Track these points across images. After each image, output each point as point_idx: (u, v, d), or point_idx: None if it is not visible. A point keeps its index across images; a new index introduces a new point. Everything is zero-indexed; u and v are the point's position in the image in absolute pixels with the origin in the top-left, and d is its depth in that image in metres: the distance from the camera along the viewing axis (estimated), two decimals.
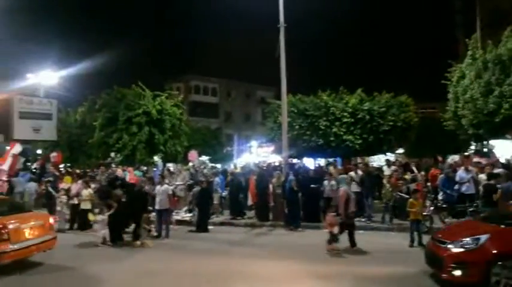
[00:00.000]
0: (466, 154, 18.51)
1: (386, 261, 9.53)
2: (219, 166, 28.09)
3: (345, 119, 17.49)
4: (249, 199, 15.82)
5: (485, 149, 18.53)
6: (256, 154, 40.28)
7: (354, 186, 13.69)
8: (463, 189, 12.74)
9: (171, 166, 23.59)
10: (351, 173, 14.53)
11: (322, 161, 21.79)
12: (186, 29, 73.17)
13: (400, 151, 24.77)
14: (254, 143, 43.17)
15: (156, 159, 22.15)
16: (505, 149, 17.77)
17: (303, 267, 9.13)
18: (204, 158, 31.02)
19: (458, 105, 17.30)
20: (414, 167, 17.60)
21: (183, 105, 23.66)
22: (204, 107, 53.76)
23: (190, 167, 20.46)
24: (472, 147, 20.76)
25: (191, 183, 16.85)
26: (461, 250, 7.39)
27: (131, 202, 12.35)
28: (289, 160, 18.21)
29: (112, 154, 21.46)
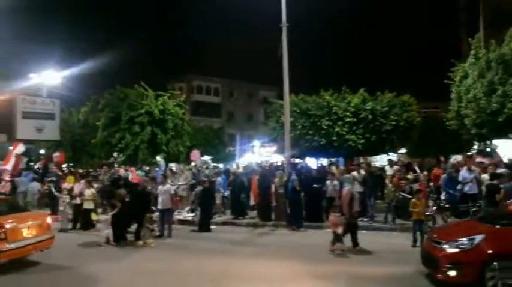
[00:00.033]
0: (468, 153, 18.41)
1: (387, 261, 9.51)
2: (221, 165, 28.09)
3: (348, 119, 17.44)
4: (251, 199, 15.84)
5: (488, 149, 18.45)
6: (258, 154, 40.28)
7: (357, 186, 13.66)
8: (466, 189, 12.73)
9: (173, 166, 23.64)
10: (353, 173, 14.53)
11: (325, 161, 21.73)
12: (188, 29, 73.34)
13: (403, 150, 24.64)
14: (256, 142, 43.18)
15: (158, 159, 22.18)
16: (508, 149, 17.67)
17: (305, 267, 9.13)
18: (207, 158, 31.02)
19: (461, 105, 17.23)
20: (417, 167, 17.55)
21: (186, 105, 23.67)
22: (207, 106, 53.79)
23: (192, 167, 20.47)
24: (475, 147, 20.65)
25: (193, 183, 16.88)
26: (457, 250, 7.39)
27: (134, 201, 12.39)
28: (292, 160, 18.20)
29: (115, 154, 21.52)
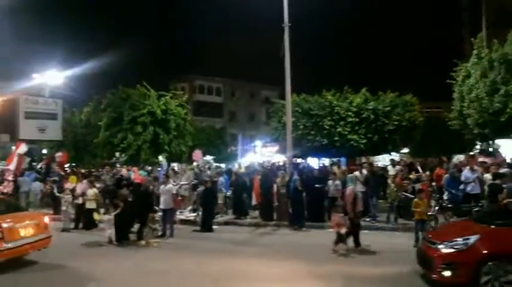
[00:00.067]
0: (471, 153, 18.40)
1: (387, 261, 9.46)
2: (223, 165, 28.11)
3: (350, 119, 17.42)
4: (253, 199, 15.85)
5: (491, 149, 18.42)
6: (260, 154, 40.25)
7: (359, 186, 13.64)
8: (468, 189, 12.70)
9: (175, 166, 23.66)
10: (355, 173, 14.52)
11: (327, 161, 21.75)
12: (190, 29, 73.31)
13: (405, 150, 24.64)
14: (258, 142, 43.16)
15: (160, 159, 22.18)
16: (510, 149, 17.66)
17: (307, 267, 9.13)
18: (209, 158, 31.01)
19: (463, 105, 17.21)
20: (419, 167, 17.53)
21: (188, 105, 23.67)
22: (209, 106, 53.84)
23: (194, 167, 20.48)
24: (478, 147, 20.62)
25: (195, 183, 16.90)
26: (451, 250, 7.39)
27: (137, 201, 12.42)
28: (294, 160, 18.17)
29: (117, 154, 21.55)
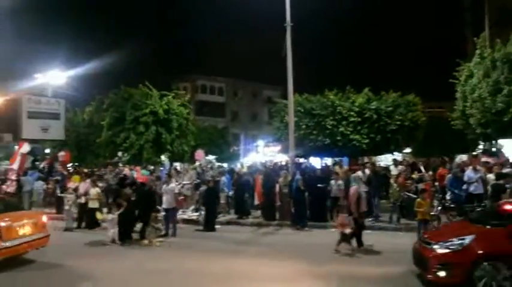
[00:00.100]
0: (474, 153, 18.35)
1: (388, 261, 9.44)
2: (225, 165, 28.10)
3: (352, 119, 17.40)
4: (255, 199, 15.84)
5: (494, 149, 18.36)
6: (262, 153, 40.27)
7: (362, 186, 13.60)
8: (471, 189, 12.66)
9: (178, 165, 23.67)
10: (358, 173, 14.48)
11: (329, 161, 21.73)
12: (192, 29, 73.41)
13: (408, 150, 24.60)
14: (261, 142, 43.18)
15: (163, 158, 22.22)
16: None
17: (309, 267, 9.13)
18: (211, 158, 31.02)
19: (466, 105, 17.16)
20: (422, 167, 17.50)
21: (190, 104, 23.71)
22: (211, 106, 53.84)
23: (197, 167, 20.50)
24: (480, 146, 20.56)
25: (198, 182, 16.92)
26: (446, 251, 7.39)
27: (140, 200, 12.44)
28: (296, 160, 18.17)
29: (119, 153, 21.57)
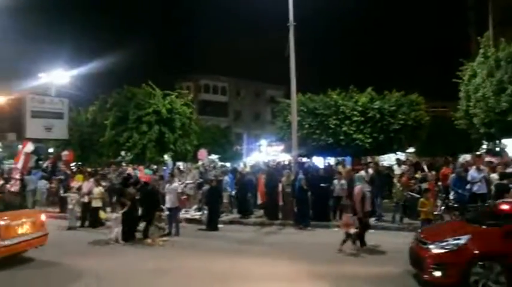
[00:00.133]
0: (477, 153, 18.31)
1: (393, 261, 9.35)
2: (228, 164, 28.12)
3: (355, 118, 17.37)
4: (258, 198, 15.85)
5: (497, 148, 18.32)
6: (265, 153, 40.25)
7: (365, 185, 13.59)
8: (475, 189, 12.64)
9: (180, 165, 23.72)
10: (361, 172, 14.46)
11: (332, 160, 21.70)
12: (195, 28, 73.56)
13: (411, 150, 24.55)
14: (264, 142, 43.19)
15: (166, 158, 22.25)
16: None
17: (311, 266, 9.12)
18: (214, 157, 31.06)
19: (469, 104, 17.11)
20: (425, 166, 17.46)
21: (193, 104, 23.72)
22: (214, 106, 53.85)
23: (199, 166, 20.52)
24: (484, 146, 20.52)
25: (201, 182, 16.93)
26: (442, 250, 7.37)
27: (144, 200, 12.47)
28: (299, 159, 18.15)
29: (122, 153, 21.62)
